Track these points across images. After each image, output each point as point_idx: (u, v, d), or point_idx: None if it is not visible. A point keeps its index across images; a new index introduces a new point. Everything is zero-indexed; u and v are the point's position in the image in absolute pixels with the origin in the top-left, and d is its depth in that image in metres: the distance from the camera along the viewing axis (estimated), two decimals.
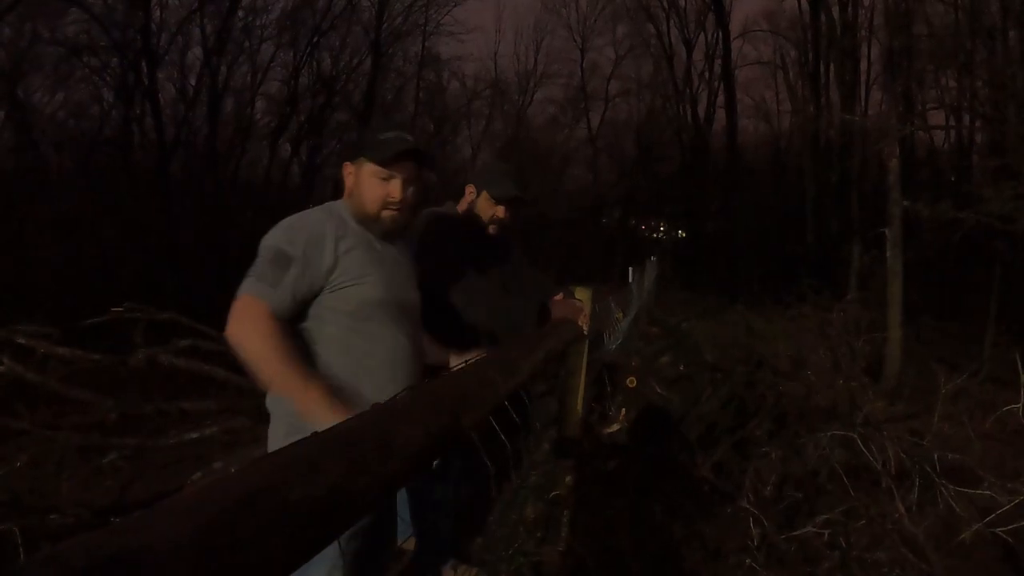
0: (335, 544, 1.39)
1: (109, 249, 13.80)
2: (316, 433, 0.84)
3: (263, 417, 2.00)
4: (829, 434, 4.32)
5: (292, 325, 1.95)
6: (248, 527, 0.63)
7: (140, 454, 4.79)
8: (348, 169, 2.15)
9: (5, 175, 16.85)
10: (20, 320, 6.06)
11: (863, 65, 22.37)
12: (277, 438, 2.02)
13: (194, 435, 4.83)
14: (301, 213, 2.06)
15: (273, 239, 1.95)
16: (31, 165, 19.04)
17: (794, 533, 3.54)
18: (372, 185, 2.10)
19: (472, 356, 1.71)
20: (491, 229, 3.07)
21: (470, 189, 3.10)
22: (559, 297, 3.29)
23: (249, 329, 1.84)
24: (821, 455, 4.28)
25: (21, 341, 5.75)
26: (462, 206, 3.11)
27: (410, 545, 3.15)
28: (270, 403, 2.05)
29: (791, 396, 6.14)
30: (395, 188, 2.10)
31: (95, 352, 5.83)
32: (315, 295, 1.98)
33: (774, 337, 8.76)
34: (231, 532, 0.62)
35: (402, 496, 3.01)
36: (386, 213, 2.12)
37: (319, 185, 27.57)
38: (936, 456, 3.93)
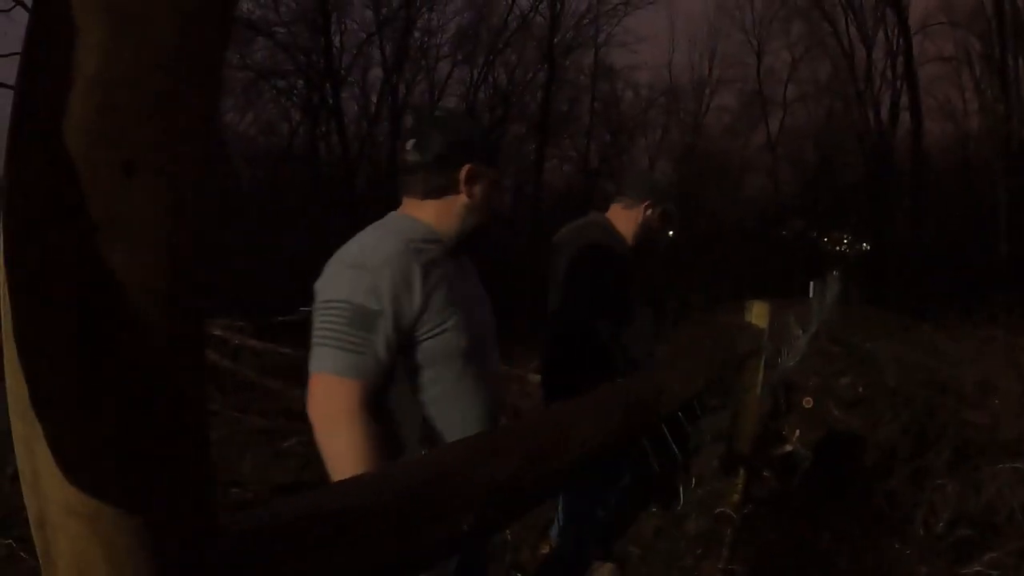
0: None
1: (299, 254, 14.75)
2: (502, 424, 0.90)
3: None
4: (1011, 467, 4.03)
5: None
6: (439, 499, 0.70)
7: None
8: (471, 173, 1.68)
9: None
10: (217, 316, 6.61)
11: None
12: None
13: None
14: (369, 240, 1.60)
15: (348, 290, 1.49)
16: (227, 179, 20.61)
17: (962, 571, 3.33)
18: (493, 197, 1.75)
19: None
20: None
21: (648, 203, 2.93)
22: None
23: (336, 422, 1.47)
24: (999, 491, 3.99)
25: (217, 332, 6.27)
26: (633, 220, 2.94)
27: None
28: None
29: (975, 425, 5.76)
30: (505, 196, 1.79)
31: (284, 347, 6.27)
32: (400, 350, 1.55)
33: (960, 360, 8.21)
34: (424, 502, 0.69)
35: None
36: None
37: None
38: None
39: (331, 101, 23.18)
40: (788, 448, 5.44)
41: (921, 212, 24.79)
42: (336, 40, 23.89)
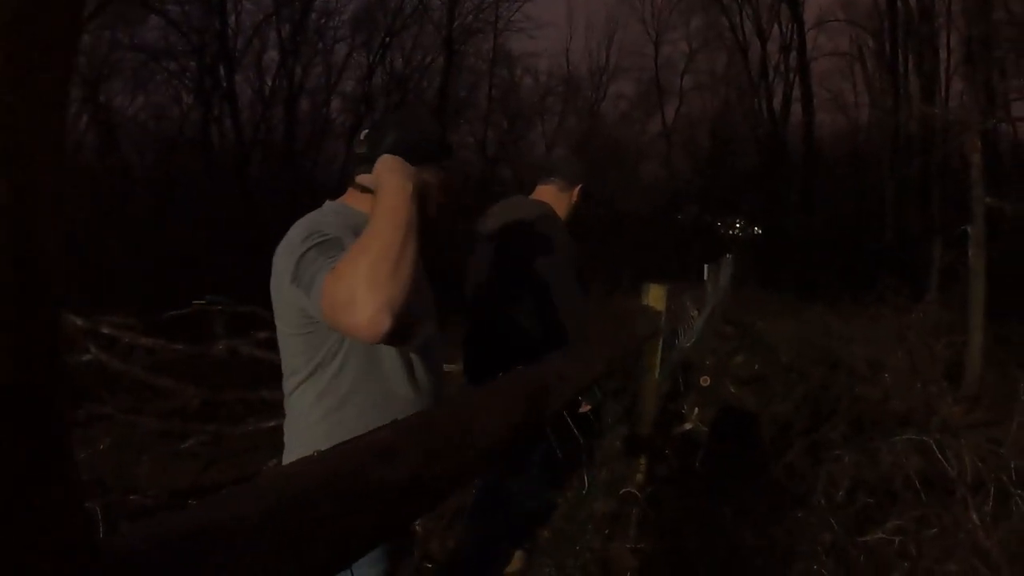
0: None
1: (190, 245, 14.29)
2: (395, 421, 0.87)
3: None
4: (904, 438, 4.21)
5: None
6: (329, 505, 0.66)
7: (218, 441, 4.97)
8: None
9: (90, 175, 17.51)
10: (105, 312, 6.33)
11: (943, 55, 21.58)
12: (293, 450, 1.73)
13: (272, 423, 4.96)
14: (313, 216, 1.68)
15: (309, 242, 1.53)
16: (114, 165, 19.80)
17: (864, 539, 3.47)
18: (436, 197, 1.81)
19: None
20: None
21: (581, 186, 3.10)
22: None
23: (358, 288, 1.30)
24: (895, 461, 4.18)
25: (106, 331, 6.01)
26: (567, 202, 3.08)
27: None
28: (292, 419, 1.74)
29: (867, 399, 6.01)
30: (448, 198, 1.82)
31: (177, 343, 6.06)
32: None
33: (851, 338, 8.57)
34: (314, 508, 0.65)
35: None
36: None
37: None
38: (1014, 465, 3.79)
39: (225, 84, 22.48)
40: (688, 426, 5.57)
41: (812, 199, 25.79)
42: (232, 20, 23.19)
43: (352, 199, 1.75)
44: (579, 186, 3.10)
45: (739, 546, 3.60)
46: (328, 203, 1.77)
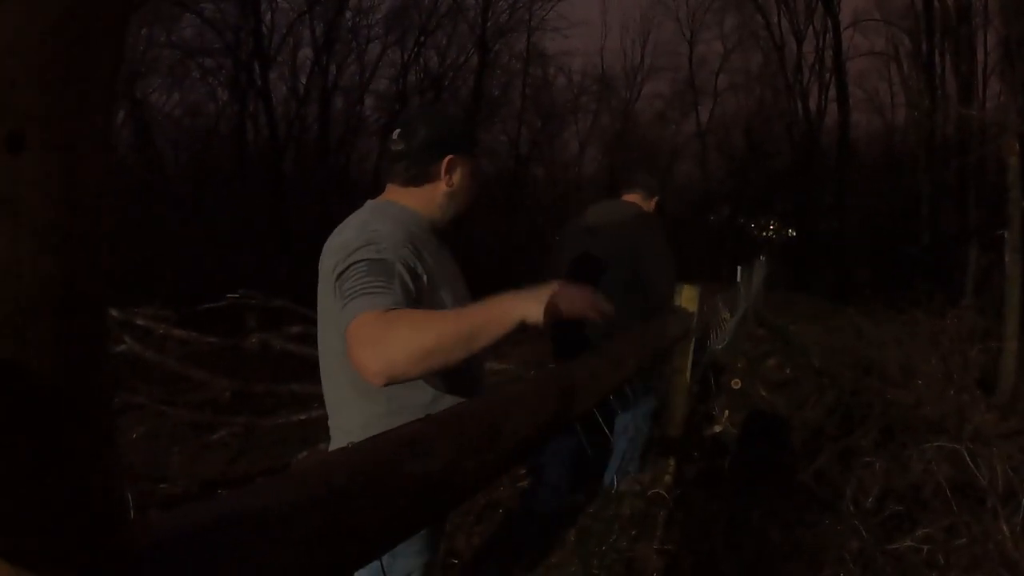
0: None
1: (225, 239, 14.44)
2: (429, 415, 0.88)
3: None
4: (936, 445, 4.16)
5: None
6: (362, 497, 0.67)
7: (248, 432, 5.02)
8: (451, 164, 1.80)
9: (127, 170, 17.76)
10: (140, 304, 6.43)
11: (980, 55, 21.20)
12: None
13: (301, 416, 5.01)
14: (367, 218, 1.70)
15: (361, 253, 1.54)
16: (150, 160, 20.06)
17: (892, 547, 3.43)
18: (472, 186, 1.87)
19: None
20: None
21: (656, 199, 3.79)
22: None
23: (383, 343, 1.36)
24: (926, 468, 4.13)
25: (140, 323, 6.11)
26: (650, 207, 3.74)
27: None
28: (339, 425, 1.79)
29: (899, 405, 5.94)
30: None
31: (211, 336, 6.14)
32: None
33: (884, 342, 8.46)
34: (347, 500, 0.66)
35: None
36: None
37: None
38: None
39: (259, 82, 22.68)
40: (718, 429, 5.55)
41: (846, 200, 25.48)
42: (266, 18, 23.38)
43: (394, 195, 1.82)
44: (656, 198, 3.78)
45: (766, 549, 3.57)
46: (373, 203, 1.82)
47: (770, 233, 32.81)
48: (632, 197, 3.72)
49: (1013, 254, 7.09)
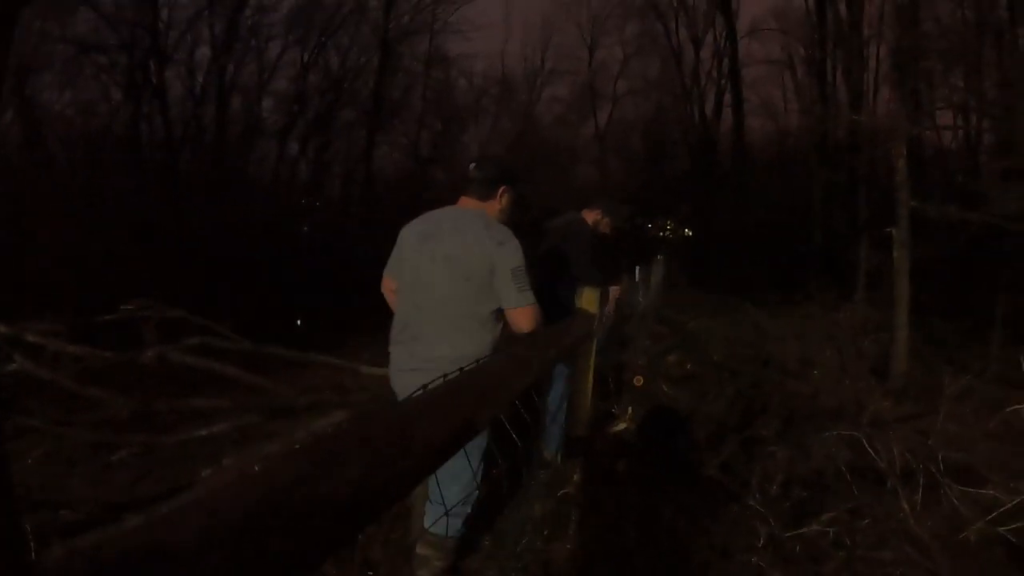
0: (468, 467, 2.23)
1: (118, 245, 13.85)
2: (337, 427, 0.86)
3: (273, 414, 2.02)
4: (836, 433, 4.33)
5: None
6: (278, 519, 0.64)
7: (150, 451, 4.83)
8: (506, 193, 3.02)
9: (14, 171, 16.89)
10: (30, 317, 6.10)
11: (871, 64, 22.18)
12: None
13: (203, 432, 4.86)
14: (489, 222, 2.87)
15: (519, 256, 2.81)
16: (40, 162, 19.10)
17: (799, 531, 3.56)
18: (513, 204, 3.08)
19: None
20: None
21: (599, 210, 5.05)
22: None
23: (539, 321, 2.88)
24: (827, 455, 4.29)
25: (31, 339, 5.80)
26: (592, 216, 4.99)
27: None
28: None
29: (798, 396, 6.15)
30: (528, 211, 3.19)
31: (105, 349, 5.88)
32: None
33: (782, 336, 8.76)
34: (263, 524, 0.63)
35: None
36: None
37: (327, 183, 27.68)
38: (941, 456, 3.93)
39: (155, 80, 21.87)
40: (622, 426, 5.63)
41: (742, 201, 26.25)
42: (164, 15, 22.53)
43: (470, 204, 2.99)
44: (609, 217, 5.08)
45: (677, 542, 3.65)
46: (473, 211, 2.96)
47: (667, 233, 33.55)
48: (590, 211, 5.04)
49: (901, 250, 7.45)
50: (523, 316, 2.81)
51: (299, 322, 10.31)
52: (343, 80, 27.20)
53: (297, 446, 4.52)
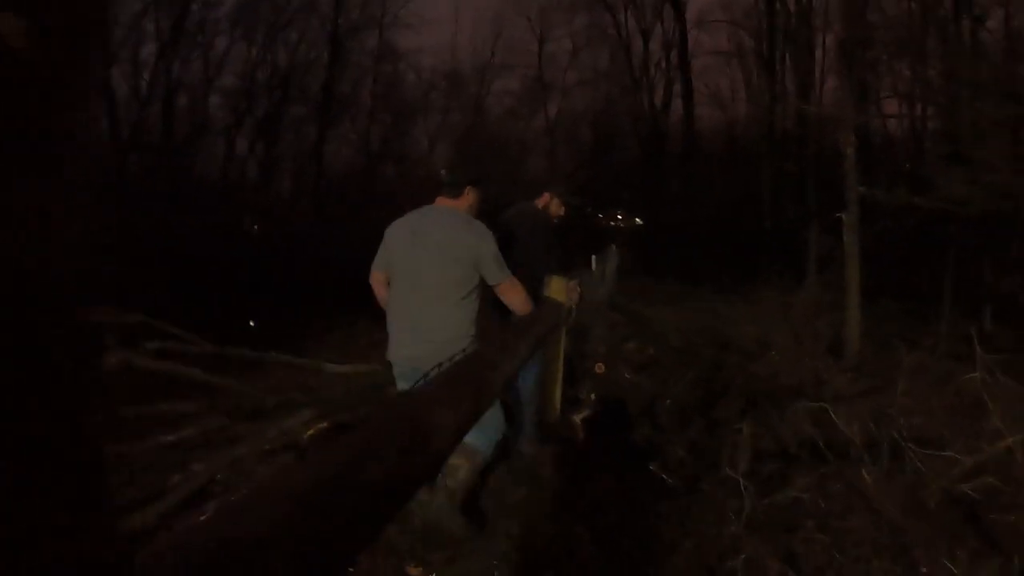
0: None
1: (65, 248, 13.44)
2: (362, 420, 0.88)
3: (240, 416, 2.01)
4: (801, 405, 4.44)
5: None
6: (334, 505, 0.66)
7: (118, 459, 4.71)
8: (472, 191, 3.54)
9: None
10: None
11: (819, 54, 22.55)
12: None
13: (171, 437, 4.78)
14: (474, 221, 3.45)
15: (495, 244, 3.40)
16: None
17: (767, 500, 3.65)
18: (481, 201, 3.62)
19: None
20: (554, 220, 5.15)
21: (548, 193, 5.18)
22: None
23: (522, 295, 3.53)
24: (793, 429, 4.41)
25: None
26: (542, 202, 5.14)
27: None
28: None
29: (758, 376, 6.27)
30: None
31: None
32: None
33: (738, 320, 8.90)
34: (321, 505, 0.65)
35: None
36: None
37: (276, 180, 27.29)
38: (903, 422, 4.08)
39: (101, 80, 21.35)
40: (586, 412, 5.68)
41: (692, 190, 26.51)
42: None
43: (445, 203, 3.52)
44: (558, 197, 5.19)
45: (655, 518, 3.72)
46: (448, 208, 3.50)
47: (618, 222, 33.71)
48: (546, 195, 5.21)
49: (850, 235, 7.63)
50: (510, 288, 3.46)
51: (252, 323, 10.13)
52: (292, 76, 26.82)
53: (266, 447, 4.49)
